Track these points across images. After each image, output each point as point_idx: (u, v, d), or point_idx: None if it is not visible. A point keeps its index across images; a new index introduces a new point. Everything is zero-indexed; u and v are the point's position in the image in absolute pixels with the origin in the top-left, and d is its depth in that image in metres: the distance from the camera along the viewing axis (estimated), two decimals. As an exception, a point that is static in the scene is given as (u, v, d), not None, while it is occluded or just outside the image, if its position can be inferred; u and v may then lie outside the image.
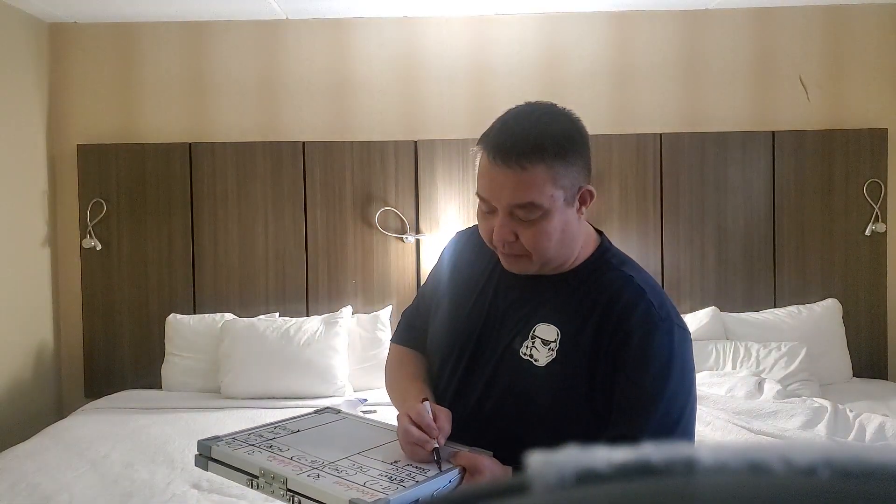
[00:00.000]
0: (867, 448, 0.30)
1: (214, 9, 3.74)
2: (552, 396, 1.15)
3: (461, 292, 1.31)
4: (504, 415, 1.20)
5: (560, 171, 1.12)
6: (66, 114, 3.95)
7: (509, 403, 1.19)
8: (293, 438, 1.19)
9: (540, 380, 1.16)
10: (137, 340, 3.88)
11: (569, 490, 0.29)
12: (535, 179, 1.10)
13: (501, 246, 1.17)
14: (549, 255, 1.17)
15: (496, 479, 1.06)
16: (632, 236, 3.86)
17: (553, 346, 1.17)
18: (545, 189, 1.11)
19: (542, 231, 1.13)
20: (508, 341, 1.21)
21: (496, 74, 3.89)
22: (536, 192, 1.11)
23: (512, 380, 1.19)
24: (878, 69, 3.88)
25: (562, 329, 1.17)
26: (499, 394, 1.20)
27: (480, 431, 1.20)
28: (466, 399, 1.24)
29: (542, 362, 1.17)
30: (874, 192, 3.83)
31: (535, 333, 1.19)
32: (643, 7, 3.85)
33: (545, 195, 1.11)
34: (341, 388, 3.49)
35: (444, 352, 1.30)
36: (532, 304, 1.22)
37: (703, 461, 0.29)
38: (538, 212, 1.13)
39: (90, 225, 3.84)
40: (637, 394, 1.11)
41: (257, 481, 1.06)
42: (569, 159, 1.13)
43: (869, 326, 3.85)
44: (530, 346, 1.18)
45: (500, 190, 1.12)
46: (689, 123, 3.90)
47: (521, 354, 1.18)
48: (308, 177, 3.87)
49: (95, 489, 2.41)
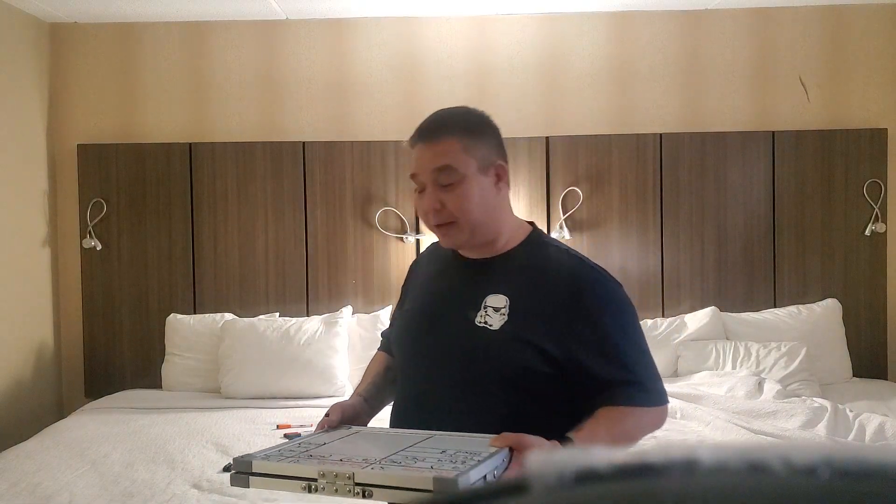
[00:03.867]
0: (867, 448, 0.30)
1: (214, 9, 3.74)
2: (507, 352, 1.31)
3: (419, 292, 1.50)
4: (469, 380, 1.33)
5: (468, 143, 1.34)
6: (66, 114, 3.95)
7: (473, 368, 1.33)
8: (327, 449, 1.20)
9: (496, 341, 1.31)
10: (137, 340, 3.88)
11: (569, 490, 0.29)
12: (448, 147, 1.33)
13: (433, 216, 1.35)
14: (474, 219, 1.34)
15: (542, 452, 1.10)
16: (632, 236, 3.86)
17: (504, 311, 1.33)
18: (458, 156, 1.32)
19: (462, 194, 1.32)
20: (464, 316, 1.35)
21: (496, 74, 3.89)
22: (451, 157, 1.32)
23: (472, 346, 1.34)
24: (878, 69, 3.88)
25: (509, 296, 1.34)
26: (462, 362, 1.35)
27: (453, 401, 1.34)
28: (434, 375, 1.38)
29: (496, 326, 1.32)
30: (874, 192, 3.83)
31: (486, 304, 1.34)
32: (643, 7, 3.85)
33: (458, 160, 1.32)
34: (341, 388, 3.49)
35: (407, 339, 1.45)
36: (480, 282, 1.38)
37: (703, 461, 0.29)
38: (455, 175, 1.32)
39: (90, 225, 3.84)
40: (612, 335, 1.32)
41: (316, 484, 1.06)
42: (476, 136, 1.36)
43: (869, 326, 3.85)
44: (483, 315, 1.34)
45: (422, 162, 1.34)
46: (689, 123, 3.90)
47: (476, 324, 1.33)
48: (308, 177, 3.87)
49: (95, 489, 2.41)
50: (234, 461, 1.13)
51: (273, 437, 2.94)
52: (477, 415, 1.29)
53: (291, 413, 3.26)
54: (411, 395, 1.42)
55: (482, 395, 1.32)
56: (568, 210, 3.83)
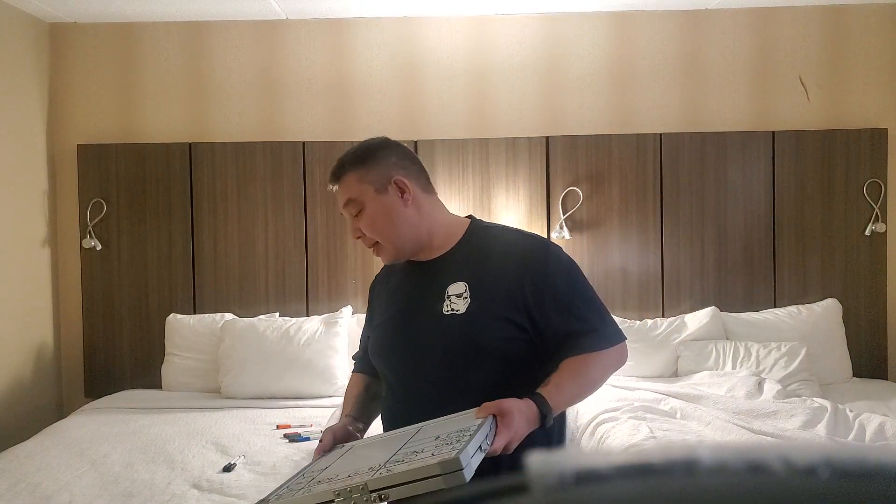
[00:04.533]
0: (867, 448, 0.30)
1: (214, 9, 3.74)
2: (480, 329, 1.41)
3: (385, 305, 1.59)
4: (450, 365, 1.43)
5: (361, 172, 1.48)
6: (66, 114, 3.95)
7: (451, 353, 1.43)
8: (331, 470, 1.25)
9: (466, 323, 1.42)
10: (137, 340, 3.88)
11: (569, 490, 0.29)
12: (346, 184, 1.49)
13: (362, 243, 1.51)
14: (391, 236, 1.48)
15: (523, 412, 1.25)
16: (632, 236, 3.86)
17: (465, 294, 1.44)
18: (353, 187, 1.48)
19: (367, 218, 1.47)
20: (431, 310, 1.45)
21: (496, 74, 3.89)
22: (351, 191, 1.48)
23: (444, 334, 1.43)
24: (878, 69, 3.88)
25: (467, 281, 1.45)
26: (439, 350, 1.44)
27: (439, 389, 1.43)
28: (417, 370, 1.47)
29: (463, 309, 1.43)
30: (874, 192, 3.83)
31: (449, 293, 1.45)
32: (643, 7, 3.85)
33: (355, 190, 1.48)
34: (341, 388, 3.49)
35: (385, 348, 1.54)
36: (437, 277, 1.49)
37: (703, 461, 0.29)
38: (357, 204, 1.48)
39: (90, 225, 3.84)
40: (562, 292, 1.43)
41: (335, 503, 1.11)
42: (367, 163, 1.49)
43: (869, 326, 3.85)
44: (449, 303, 1.44)
45: (337, 200, 1.51)
46: (689, 123, 3.90)
47: (444, 313, 1.44)
48: (308, 177, 3.87)
49: (95, 489, 2.41)
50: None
51: (273, 437, 2.94)
52: (463, 396, 1.36)
53: (291, 413, 3.26)
54: (400, 397, 1.51)
55: (464, 377, 1.42)
56: (568, 210, 3.82)
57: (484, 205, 3.83)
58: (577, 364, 1.38)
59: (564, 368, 1.38)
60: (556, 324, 1.41)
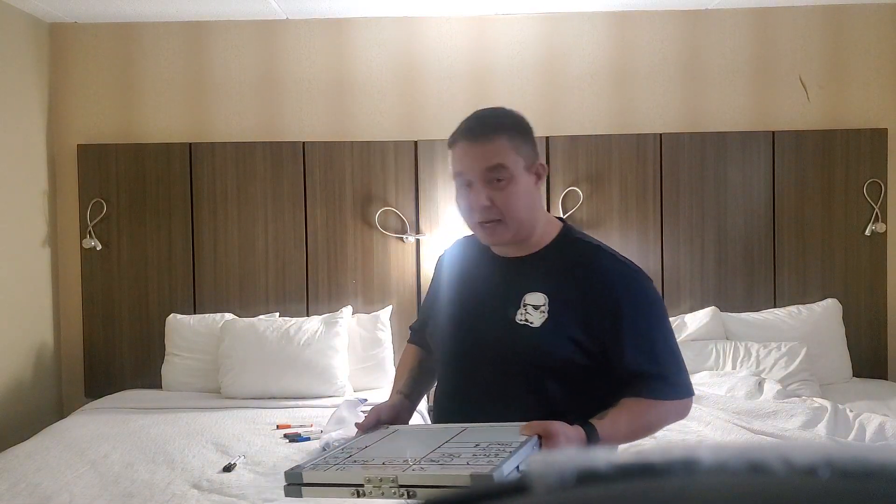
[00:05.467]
0: (867, 448, 0.30)
1: (214, 9, 3.74)
2: (549, 348, 1.37)
3: (455, 288, 1.53)
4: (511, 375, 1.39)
5: (518, 141, 1.40)
6: (66, 114, 3.95)
7: (515, 363, 1.39)
8: (369, 452, 1.25)
9: (537, 338, 1.37)
10: (137, 340, 3.88)
11: (569, 490, 0.30)
12: (500, 147, 1.38)
13: (479, 214, 1.39)
14: (520, 217, 1.40)
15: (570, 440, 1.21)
16: (632, 236, 3.86)
17: (543, 308, 1.38)
18: (509, 154, 1.38)
19: (511, 193, 1.38)
20: (503, 314, 1.40)
21: (496, 74, 3.89)
22: (503, 156, 1.37)
23: (513, 343, 1.39)
24: (878, 69, 3.88)
25: (547, 294, 1.39)
26: (504, 358, 1.40)
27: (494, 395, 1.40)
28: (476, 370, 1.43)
29: (537, 323, 1.38)
30: (874, 192, 3.83)
31: (526, 302, 1.39)
32: (643, 7, 3.85)
33: (510, 158, 1.38)
34: (341, 388, 3.49)
35: (446, 336, 1.49)
36: (518, 280, 1.43)
37: (703, 461, 0.29)
38: (506, 173, 1.37)
39: (90, 225, 3.84)
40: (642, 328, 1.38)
41: (363, 489, 1.11)
42: (522, 135, 1.41)
43: (869, 326, 3.85)
44: (523, 312, 1.39)
45: (474, 160, 1.39)
46: (689, 123, 3.90)
47: (517, 321, 1.39)
48: (308, 177, 3.87)
49: (95, 489, 2.41)
50: (286, 474, 1.17)
51: (273, 437, 2.94)
52: (514, 406, 1.34)
53: (291, 413, 3.26)
54: (452, 391, 1.48)
55: (519, 389, 1.39)
56: (568, 210, 3.82)
57: (484, 205, 3.82)
58: (639, 407, 1.34)
59: (625, 407, 1.33)
60: (630, 360, 1.36)
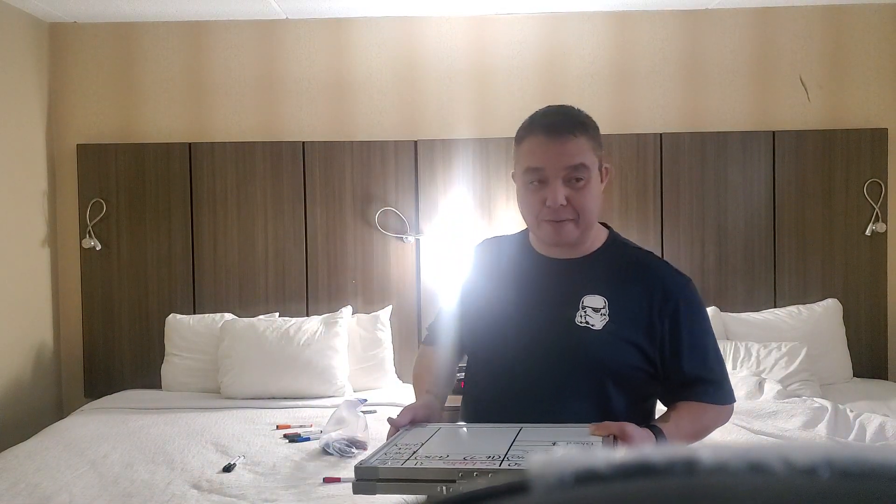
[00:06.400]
0: (867, 448, 0.30)
1: (214, 9, 3.74)
2: (612, 352, 1.37)
3: (500, 290, 1.48)
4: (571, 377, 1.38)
5: (594, 143, 1.40)
6: (66, 114, 3.95)
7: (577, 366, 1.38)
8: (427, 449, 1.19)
9: (600, 341, 1.37)
10: (137, 340, 3.88)
11: (569, 490, 0.29)
12: (582, 146, 1.37)
13: (554, 212, 1.36)
14: (590, 219, 1.41)
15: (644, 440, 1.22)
16: (632, 236, 3.79)
17: (603, 311, 1.38)
18: (588, 155, 1.38)
19: (589, 193, 1.38)
20: (562, 315, 1.39)
21: (496, 74, 3.89)
22: (584, 155, 1.37)
23: (575, 345, 1.38)
24: (878, 69, 3.88)
25: (607, 297, 1.39)
26: (564, 360, 1.38)
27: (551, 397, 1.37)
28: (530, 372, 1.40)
29: (599, 326, 1.37)
30: (874, 192, 3.83)
31: (585, 304, 1.38)
32: (643, 7, 3.85)
33: (590, 159, 1.38)
34: (341, 388, 3.49)
35: (495, 337, 1.45)
36: (573, 282, 1.42)
37: (703, 461, 0.29)
38: (586, 173, 1.37)
39: (90, 225, 3.84)
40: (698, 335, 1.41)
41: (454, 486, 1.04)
42: (598, 136, 1.42)
43: (869, 326, 3.85)
44: (583, 315, 1.38)
45: (555, 157, 1.36)
46: (689, 123, 3.90)
47: (577, 323, 1.38)
48: (308, 177, 3.87)
49: (95, 489, 2.40)
50: (357, 469, 1.12)
51: (273, 437, 2.94)
52: (569, 408, 1.34)
53: (291, 413, 3.25)
54: (499, 388, 1.43)
55: (578, 391, 1.38)
56: (568, 210, 3.82)
57: (484, 205, 3.82)
58: (698, 410, 1.38)
59: (684, 410, 1.38)
60: (687, 365, 1.39)
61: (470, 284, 1.57)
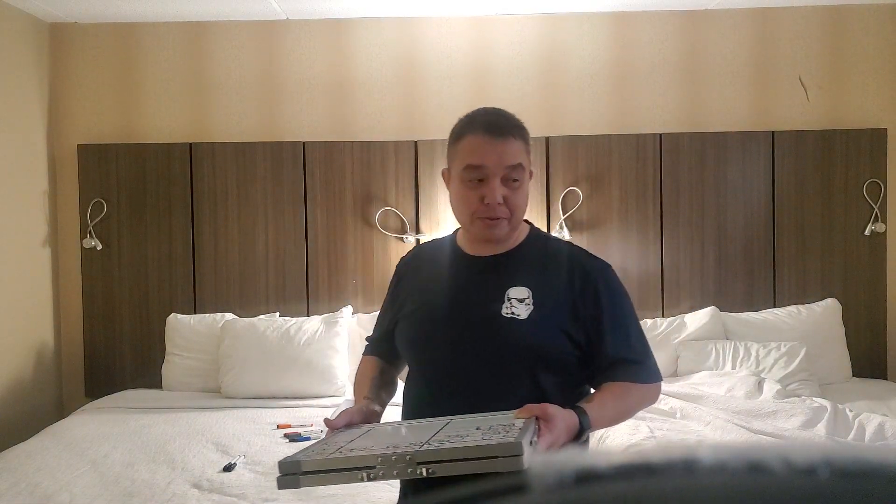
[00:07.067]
0: (867, 448, 0.30)
1: (214, 9, 3.74)
2: (539, 338, 1.41)
3: (427, 291, 1.53)
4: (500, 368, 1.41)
5: (528, 146, 1.47)
6: (66, 114, 3.95)
7: (506, 356, 1.41)
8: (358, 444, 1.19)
9: (526, 329, 1.40)
10: (137, 340, 3.88)
11: (569, 490, 0.30)
12: (518, 148, 1.44)
13: (490, 209, 1.41)
14: (520, 218, 1.47)
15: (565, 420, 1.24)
16: (632, 236, 3.86)
17: (528, 301, 1.42)
18: (523, 155, 1.45)
19: (522, 193, 1.45)
20: (488, 309, 1.43)
21: (496, 74, 3.89)
22: (520, 157, 1.44)
23: (501, 336, 1.41)
24: (878, 69, 3.88)
25: (531, 287, 1.43)
26: (493, 352, 1.42)
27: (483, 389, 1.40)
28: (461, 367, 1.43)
29: (524, 315, 1.41)
30: (874, 192, 3.83)
31: (510, 296, 1.43)
32: (643, 7, 3.85)
33: (524, 159, 1.45)
34: (341, 388, 3.49)
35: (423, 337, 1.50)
36: (497, 276, 1.46)
37: (703, 461, 0.29)
38: (522, 174, 1.44)
39: (90, 225, 3.84)
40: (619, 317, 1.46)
41: (375, 471, 1.06)
42: (529, 141, 1.49)
43: (869, 326, 3.85)
44: (509, 306, 1.42)
45: (497, 156, 1.41)
46: (689, 123, 3.90)
47: (503, 315, 1.41)
48: (308, 177, 3.87)
49: (96, 489, 2.41)
50: (281, 464, 1.12)
51: (273, 436, 2.94)
52: (503, 399, 1.35)
53: (291, 413, 3.25)
54: (433, 388, 1.47)
55: (510, 381, 1.41)
56: (568, 210, 3.82)
57: (484, 205, 3.82)
58: (621, 390, 1.41)
59: (608, 390, 1.40)
60: (609, 346, 1.43)
61: (394, 295, 1.62)
